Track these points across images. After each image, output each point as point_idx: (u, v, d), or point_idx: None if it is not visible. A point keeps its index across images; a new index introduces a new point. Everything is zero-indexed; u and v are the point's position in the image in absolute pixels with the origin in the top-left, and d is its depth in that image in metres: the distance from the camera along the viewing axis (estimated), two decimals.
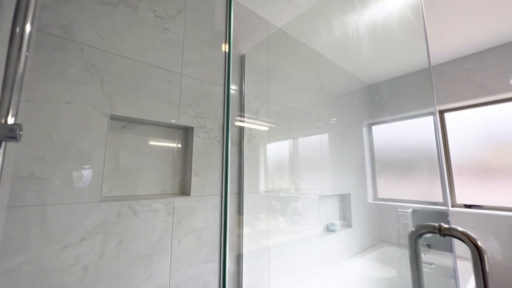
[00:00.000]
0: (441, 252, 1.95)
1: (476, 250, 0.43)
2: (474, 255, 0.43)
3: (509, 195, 1.75)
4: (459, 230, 0.46)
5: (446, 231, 0.47)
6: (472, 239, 0.44)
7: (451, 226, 0.46)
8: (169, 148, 1.04)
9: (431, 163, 2.06)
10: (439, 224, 0.48)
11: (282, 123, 1.51)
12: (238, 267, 1.13)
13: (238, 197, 1.19)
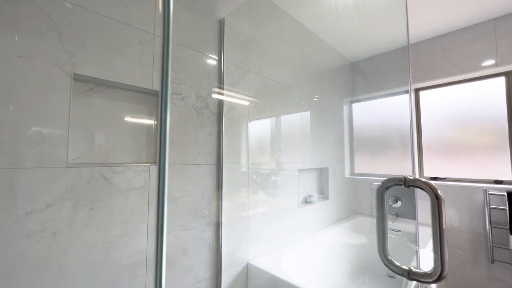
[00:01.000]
0: (406, 220, 2.12)
1: (435, 197, 0.46)
2: (433, 202, 0.46)
3: (467, 169, 1.91)
4: (422, 181, 0.49)
5: (410, 182, 0.50)
6: (432, 188, 0.47)
7: (415, 177, 0.49)
8: (143, 115, 0.99)
9: (404, 140, 2.18)
10: (404, 176, 0.50)
11: (264, 98, 1.48)
12: (218, 235, 1.16)
13: (217, 167, 1.18)
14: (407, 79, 2.17)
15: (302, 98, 1.80)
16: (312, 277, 1.58)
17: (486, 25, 1.78)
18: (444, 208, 0.46)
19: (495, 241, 1.68)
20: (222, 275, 1.15)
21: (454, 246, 1.86)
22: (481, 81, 1.88)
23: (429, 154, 2.12)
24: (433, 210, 0.46)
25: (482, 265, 1.74)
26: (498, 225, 1.67)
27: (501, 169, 1.77)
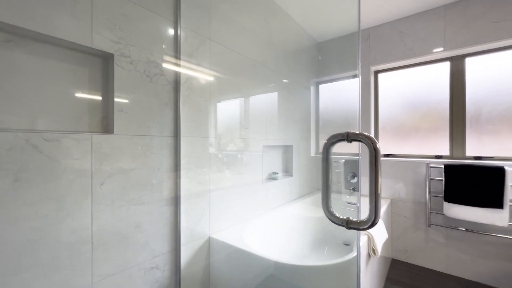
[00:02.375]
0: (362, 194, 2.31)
1: (373, 149, 0.48)
2: (371, 154, 0.48)
3: (414, 146, 2.11)
4: (363, 134, 0.50)
5: (352, 136, 0.51)
6: (372, 141, 0.49)
7: (356, 132, 0.50)
8: (82, 78, 0.87)
9: (363, 120, 2.31)
10: (347, 132, 0.51)
11: (227, 70, 1.41)
12: (176, 210, 1.12)
13: (175, 140, 1.11)
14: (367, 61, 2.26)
15: (269, 75, 1.77)
16: (275, 249, 1.65)
17: (437, 11, 1.91)
18: (380, 161, 0.48)
19: (432, 208, 1.92)
20: (182, 249, 1.13)
21: (400, 215, 2.08)
22: (430, 65, 2.05)
23: (384, 133, 2.29)
24: (370, 163, 0.48)
25: (421, 229, 1.99)
26: (436, 194, 1.90)
27: (441, 146, 1.99)
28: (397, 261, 2.06)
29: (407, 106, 2.16)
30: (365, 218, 0.49)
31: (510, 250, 1.64)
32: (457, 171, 1.73)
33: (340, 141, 0.54)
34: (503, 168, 1.58)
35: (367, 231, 1.31)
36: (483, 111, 1.83)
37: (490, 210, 1.61)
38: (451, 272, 1.86)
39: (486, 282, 1.72)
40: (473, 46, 1.78)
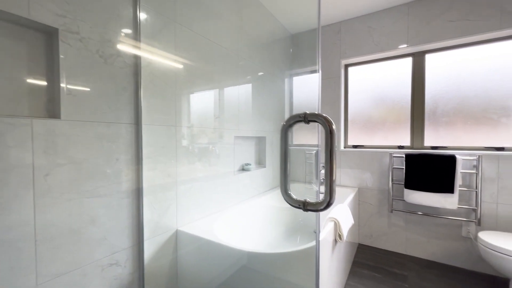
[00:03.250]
0: None
1: (329, 131, 0.48)
2: (327, 136, 0.48)
3: (380, 138, 2.22)
4: (320, 115, 0.50)
5: (309, 117, 0.50)
6: (328, 122, 0.48)
7: (314, 113, 0.50)
8: (19, 54, 0.76)
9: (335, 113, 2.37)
10: (305, 112, 0.50)
11: (195, 56, 1.35)
12: (138, 202, 1.05)
13: (136, 128, 1.04)
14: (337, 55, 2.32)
15: (241, 65, 1.73)
16: (247, 239, 1.65)
17: (401, 9, 2.00)
18: (335, 142, 0.48)
19: (394, 195, 2.06)
20: (145, 243, 1.07)
21: (366, 202, 2.20)
22: (396, 60, 2.15)
23: (353, 126, 2.38)
24: (326, 144, 0.48)
25: (384, 215, 2.12)
26: (398, 181, 2.03)
27: (403, 137, 2.13)
28: (363, 246, 2.19)
29: (375, 100, 2.26)
30: (321, 200, 0.49)
31: (458, 230, 1.82)
32: (416, 160, 1.86)
33: (298, 122, 0.53)
34: (454, 156, 1.72)
35: (334, 217, 1.36)
36: (439, 105, 1.98)
37: (443, 195, 1.76)
38: (410, 253, 2.01)
39: (439, 260, 1.90)
40: (432, 43, 1.90)
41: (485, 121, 1.82)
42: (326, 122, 0.48)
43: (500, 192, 1.69)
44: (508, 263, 1.30)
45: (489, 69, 1.80)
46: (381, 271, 1.78)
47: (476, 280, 1.67)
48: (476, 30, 1.74)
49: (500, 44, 1.76)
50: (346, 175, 2.30)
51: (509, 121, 1.74)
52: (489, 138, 1.80)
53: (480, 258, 1.74)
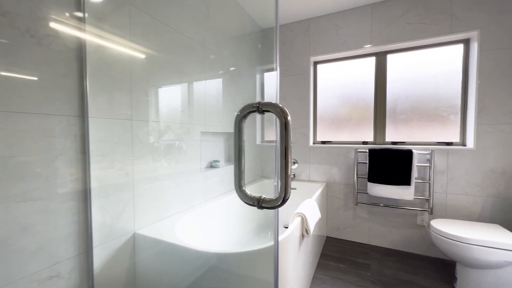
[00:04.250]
0: (301, 179, 2.43)
1: (284, 121, 0.45)
2: (281, 125, 0.45)
3: (347, 134, 2.31)
4: (275, 105, 0.46)
5: (263, 106, 0.47)
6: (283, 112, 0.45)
7: (268, 102, 0.46)
8: None
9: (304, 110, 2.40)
10: (259, 102, 0.47)
11: (158, 48, 1.24)
12: (85, 205, 0.93)
13: (81, 120, 0.91)
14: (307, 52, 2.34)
15: (208, 57, 1.64)
16: (216, 239, 1.59)
17: (365, 9, 2.08)
18: (290, 134, 0.45)
19: (359, 188, 2.15)
20: (95, 250, 0.96)
21: (334, 197, 2.27)
22: (361, 59, 2.24)
23: (322, 122, 2.44)
24: (281, 136, 0.44)
25: (350, 208, 2.21)
26: (362, 175, 2.13)
27: (367, 133, 2.23)
28: (331, 238, 2.26)
29: (342, 97, 2.33)
30: (276, 196, 0.46)
31: (414, 219, 1.97)
32: (378, 154, 1.96)
33: (252, 112, 0.49)
34: (411, 151, 1.85)
35: (301, 212, 1.36)
36: (398, 103, 2.10)
37: (401, 187, 1.88)
38: (372, 242, 2.13)
39: (398, 248, 2.04)
40: (392, 44, 2.00)
41: (436, 118, 1.98)
42: (281, 113, 0.45)
43: (449, 183, 1.86)
44: (454, 247, 1.42)
45: (439, 72, 1.95)
46: (346, 261, 1.85)
47: (428, 264, 1.82)
48: (430, 33, 1.87)
49: (449, 49, 1.92)
50: (315, 170, 2.35)
51: (456, 119, 1.91)
52: (440, 134, 1.97)
53: (432, 243, 1.90)
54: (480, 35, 1.73)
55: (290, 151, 0.45)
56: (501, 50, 1.69)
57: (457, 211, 1.84)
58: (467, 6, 1.76)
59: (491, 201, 1.75)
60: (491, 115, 1.73)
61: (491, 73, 1.72)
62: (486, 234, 1.41)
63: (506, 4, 1.66)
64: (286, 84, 2.46)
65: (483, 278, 1.40)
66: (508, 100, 1.69)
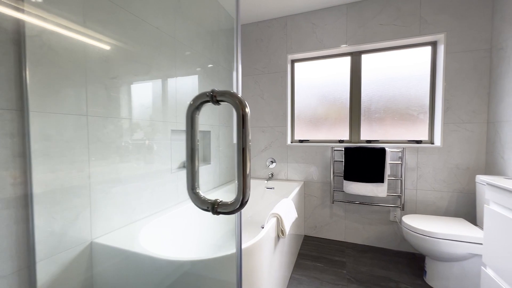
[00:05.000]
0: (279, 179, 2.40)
1: (241, 113, 0.39)
2: (239, 118, 0.39)
3: (324, 133, 2.32)
4: (231, 94, 0.40)
5: (219, 96, 0.40)
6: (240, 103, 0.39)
7: (224, 90, 0.40)
8: None
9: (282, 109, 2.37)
10: (213, 90, 0.40)
11: (118, 36, 1.12)
12: (26, 213, 0.81)
13: (20, 115, 0.79)
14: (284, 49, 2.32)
15: (178, 49, 1.54)
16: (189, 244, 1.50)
17: (341, 9, 2.09)
18: (249, 128, 0.39)
19: (335, 186, 2.17)
20: (40, 264, 0.84)
21: (311, 195, 2.27)
22: (337, 58, 2.26)
23: (299, 121, 2.43)
24: (238, 130, 0.39)
25: (327, 206, 2.22)
26: (339, 173, 2.15)
27: (343, 131, 2.26)
28: (308, 237, 2.26)
29: (320, 96, 2.34)
30: (233, 200, 0.41)
31: (387, 215, 2.02)
32: (353, 152, 1.99)
33: (206, 102, 0.42)
34: (384, 149, 1.89)
35: (277, 213, 1.32)
36: (372, 102, 2.15)
37: (375, 184, 1.92)
38: (348, 239, 2.16)
39: (372, 244, 2.08)
40: (366, 44, 2.04)
41: (407, 117, 2.05)
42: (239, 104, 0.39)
43: (418, 180, 1.93)
44: (424, 242, 1.47)
45: (410, 73, 2.02)
46: (323, 260, 1.85)
47: (400, 258, 1.87)
48: (401, 35, 1.93)
49: (418, 50, 1.99)
50: (293, 169, 2.33)
51: (425, 118, 1.99)
52: (411, 132, 2.04)
53: (403, 238, 1.96)
54: (446, 38, 1.81)
55: (248, 147, 0.39)
56: (464, 53, 1.78)
57: (426, 206, 1.92)
58: (434, 10, 1.84)
59: (456, 196, 1.84)
60: (456, 114, 1.82)
61: (455, 75, 1.81)
62: (452, 228, 1.47)
63: (469, 9, 1.76)
64: (263, 82, 2.42)
65: (450, 270, 1.46)
66: (470, 100, 1.78)
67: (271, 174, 2.40)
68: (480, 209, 1.59)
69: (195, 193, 0.43)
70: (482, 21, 1.73)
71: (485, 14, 1.72)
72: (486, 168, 1.76)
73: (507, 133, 1.54)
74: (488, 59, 1.73)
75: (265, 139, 2.43)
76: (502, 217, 1.00)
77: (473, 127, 1.78)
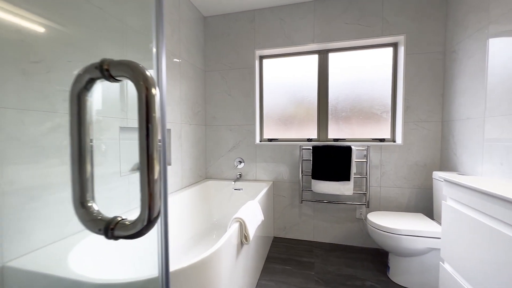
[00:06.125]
0: (248, 179, 2.31)
1: (145, 95, 0.27)
2: (140, 101, 0.27)
3: (293, 132, 2.28)
4: (131, 66, 0.28)
5: (113, 68, 0.28)
6: (145, 80, 0.27)
7: (122, 60, 0.28)
8: None
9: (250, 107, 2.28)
10: (102, 60, 0.28)
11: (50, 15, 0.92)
12: None
13: None
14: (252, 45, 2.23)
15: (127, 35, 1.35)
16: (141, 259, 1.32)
17: (309, 5, 2.06)
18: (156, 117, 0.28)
19: (304, 186, 2.14)
20: None
21: (280, 195, 2.22)
22: (305, 56, 2.23)
23: (269, 119, 2.36)
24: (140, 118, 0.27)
25: (296, 206, 2.18)
26: (307, 173, 2.12)
27: (312, 130, 2.24)
28: (278, 238, 2.20)
29: (289, 95, 2.29)
30: (133, 220, 0.29)
31: (353, 213, 2.04)
32: (320, 151, 1.97)
33: (98, 79, 0.30)
34: (350, 147, 1.90)
35: (240, 217, 1.22)
36: (339, 101, 2.16)
37: (342, 183, 1.92)
38: (317, 239, 2.14)
39: (340, 242, 2.09)
40: (333, 42, 2.04)
41: (372, 116, 2.09)
42: (142, 81, 0.27)
43: (382, 177, 1.98)
44: (387, 238, 1.48)
45: (374, 73, 2.07)
46: (292, 262, 1.80)
47: (366, 255, 1.90)
48: (365, 35, 1.96)
49: (381, 51, 2.04)
50: (261, 169, 2.25)
51: (388, 117, 2.05)
52: (375, 131, 2.09)
53: (369, 235, 2.00)
54: (406, 39, 1.88)
55: (154, 143, 0.28)
56: (421, 55, 1.86)
57: (389, 203, 1.97)
58: (395, 11, 1.89)
59: (415, 192, 1.92)
60: (414, 113, 1.89)
61: (414, 76, 1.88)
62: (412, 224, 1.50)
63: (425, 13, 1.83)
64: (231, 78, 2.30)
65: (411, 265, 1.50)
66: (427, 100, 1.87)
67: (239, 174, 2.29)
68: (437, 204, 1.66)
69: (84, 208, 0.30)
70: (437, 24, 1.82)
71: (439, 17, 1.81)
72: (441, 164, 1.85)
73: (459, 131, 1.63)
74: (442, 61, 1.82)
75: (233, 138, 2.32)
76: (458, 213, 1.02)
77: (430, 126, 1.87)
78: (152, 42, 0.34)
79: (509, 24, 1.23)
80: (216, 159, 2.37)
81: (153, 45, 0.34)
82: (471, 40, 1.52)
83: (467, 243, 0.96)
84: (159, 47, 0.34)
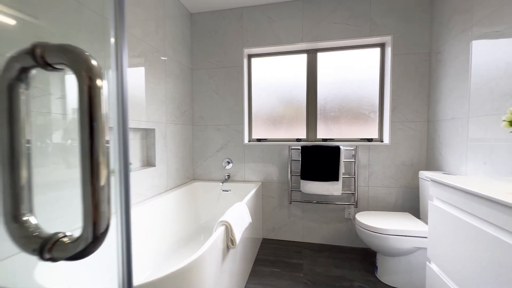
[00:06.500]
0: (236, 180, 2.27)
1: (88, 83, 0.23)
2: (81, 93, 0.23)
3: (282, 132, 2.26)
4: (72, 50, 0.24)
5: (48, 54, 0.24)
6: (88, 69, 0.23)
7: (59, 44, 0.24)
8: None
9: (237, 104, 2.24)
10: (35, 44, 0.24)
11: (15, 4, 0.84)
12: None
13: None
14: (240, 43, 2.19)
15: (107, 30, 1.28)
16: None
17: (298, 4, 2.04)
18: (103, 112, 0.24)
19: (293, 186, 2.12)
20: None
21: (269, 196, 2.19)
22: (294, 55, 2.21)
23: (257, 119, 2.32)
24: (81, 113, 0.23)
25: (285, 207, 2.16)
26: (296, 173, 2.10)
27: (301, 130, 2.22)
28: (267, 240, 2.17)
29: (278, 94, 2.26)
30: (75, 237, 0.25)
31: (342, 213, 2.04)
32: (309, 151, 1.95)
33: (33, 68, 0.25)
34: (339, 147, 1.89)
35: (226, 220, 1.17)
36: (328, 101, 2.15)
37: (330, 183, 1.91)
38: (306, 240, 2.13)
39: (328, 242, 2.08)
40: (322, 42, 2.03)
41: (360, 116, 2.10)
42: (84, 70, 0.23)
43: (370, 177, 1.99)
44: (375, 238, 1.48)
45: (362, 73, 2.08)
46: (281, 264, 1.77)
47: (354, 255, 1.90)
48: (353, 35, 1.96)
49: (369, 51, 2.05)
50: (250, 169, 2.22)
51: (376, 117, 2.06)
52: (363, 131, 2.09)
53: (357, 235, 2.00)
54: (393, 40, 1.89)
55: (100, 145, 0.24)
56: (408, 55, 1.87)
57: (377, 202, 1.98)
58: (382, 12, 1.90)
59: (402, 191, 1.94)
60: (401, 113, 1.91)
61: (400, 76, 1.90)
62: (399, 224, 1.51)
63: (411, 14, 1.85)
64: (219, 77, 2.25)
65: (398, 264, 1.50)
66: (413, 100, 1.89)
67: (227, 175, 2.24)
68: (423, 204, 1.68)
69: (18, 222, 0.25)
70: (423, 25, 1.84)
71: (425, 19, 1.83)
72: (427, 164, 1.88)
73: (444, 131, 1.65)
74: (428, 62, 1.85)
75: (221, 138, 2.27)
76: (444, 213, 1.02)
77: (416, 126, 1.89)
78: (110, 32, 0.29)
79: (491, 26, 1.25)
80: (204, 159, 2.31)
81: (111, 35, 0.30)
82: (455, 41, 1.54)
83: (452, 243, 0.96)
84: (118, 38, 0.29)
